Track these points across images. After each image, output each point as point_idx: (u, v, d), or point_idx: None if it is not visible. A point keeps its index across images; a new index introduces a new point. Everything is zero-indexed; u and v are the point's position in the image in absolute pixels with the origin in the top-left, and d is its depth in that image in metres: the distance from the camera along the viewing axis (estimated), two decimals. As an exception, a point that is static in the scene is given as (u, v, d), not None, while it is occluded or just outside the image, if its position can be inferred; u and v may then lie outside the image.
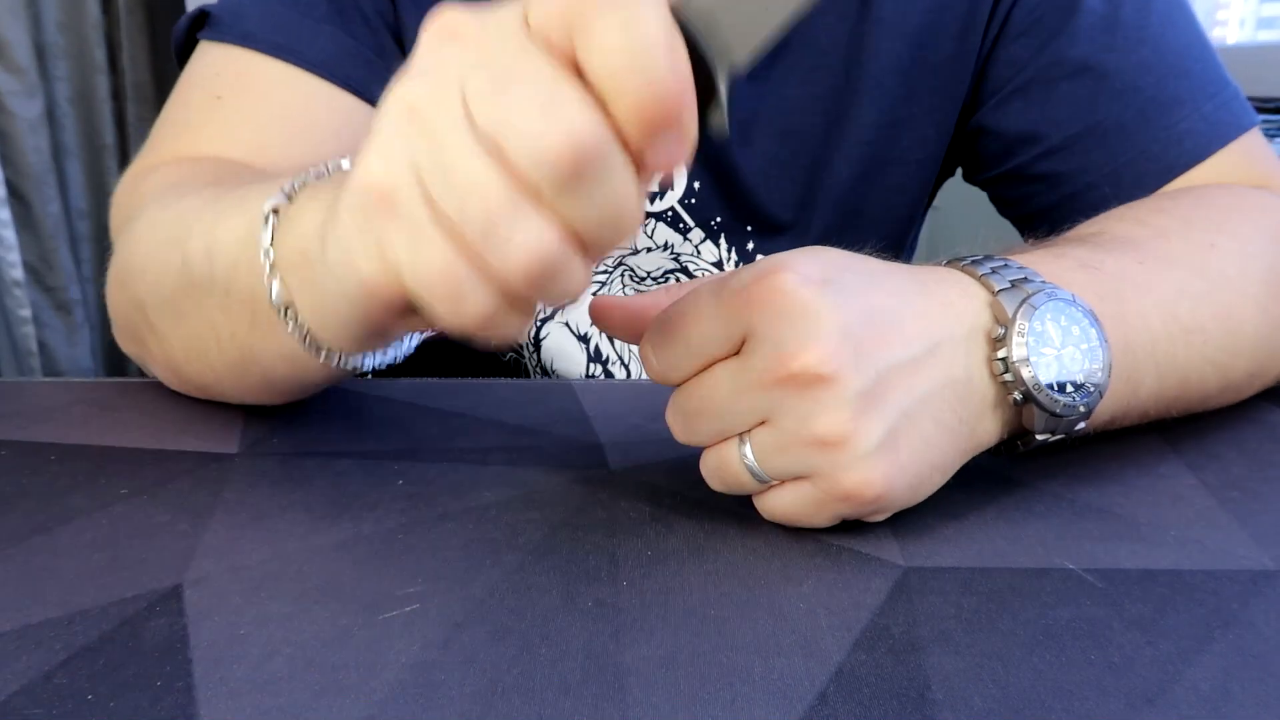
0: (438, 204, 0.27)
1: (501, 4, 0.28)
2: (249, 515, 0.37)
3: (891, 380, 0.33)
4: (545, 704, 0.26)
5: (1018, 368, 0.34)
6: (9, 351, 1.74)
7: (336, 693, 0.27)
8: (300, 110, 0.55)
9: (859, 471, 0.32)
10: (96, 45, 1.75)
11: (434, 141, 0.27)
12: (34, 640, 0.30)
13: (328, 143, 0.54)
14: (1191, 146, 0.54)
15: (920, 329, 0.34)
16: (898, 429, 0.33)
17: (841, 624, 0.30)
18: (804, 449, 0.33)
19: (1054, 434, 0.36)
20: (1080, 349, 0.35)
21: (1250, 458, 0.42)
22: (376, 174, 0.28)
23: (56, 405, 0.49)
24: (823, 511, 0.34)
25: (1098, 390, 0.36)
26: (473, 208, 0.27)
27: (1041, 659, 0.28)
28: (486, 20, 0.27)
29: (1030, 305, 0.35)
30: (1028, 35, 0.57)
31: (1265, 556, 0.34)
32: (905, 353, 0.33)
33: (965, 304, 0.36)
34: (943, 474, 0.35)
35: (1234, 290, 0.43)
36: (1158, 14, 0.55)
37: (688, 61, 0.26)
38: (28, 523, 0.37)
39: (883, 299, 0.34)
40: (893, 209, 0.64)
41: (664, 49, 0.25)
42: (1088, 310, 0.36)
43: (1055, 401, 0.35)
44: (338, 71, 0.55)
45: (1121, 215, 0.47)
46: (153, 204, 0.45)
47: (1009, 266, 0.37)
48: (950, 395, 0.34)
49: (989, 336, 0.35)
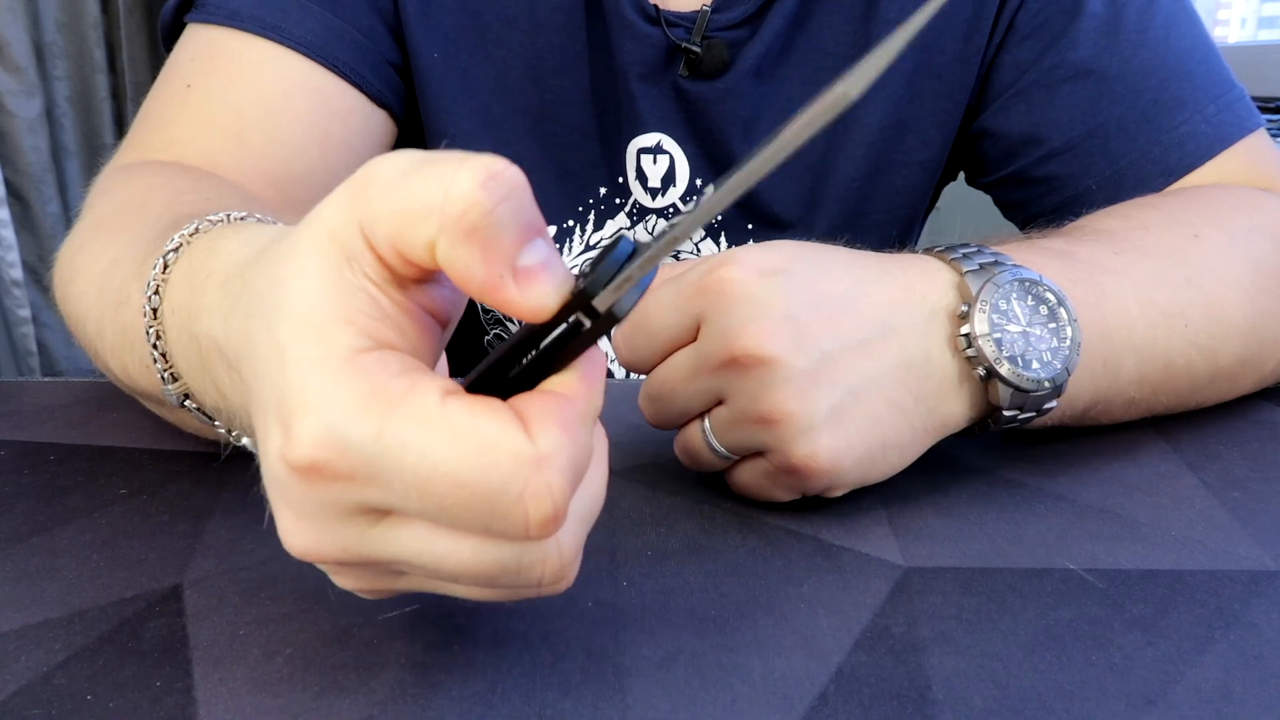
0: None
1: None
2: (249, 515, 0.37)
3: (838, 361, 0.34)
4: (545, 704, 0.26)
5: (980, 343, 0.35)
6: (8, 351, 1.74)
7: (336, 693, 0.27)
8: (275, 89, 0.54)
9: (803, 446, 0.34)
10: (96, 45, 1.75)
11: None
12: (34, 640, 0.30)
13: (301, 122, 0.54)
14: (1194, 148, 0.54)
15: (874, 313, 0.36)
16: (844, 407, 0.34)
17: (841, 624, 0.30)
18: (753, 426, 0.34)
19: (1023, 410, 0.37)
20: (1048, 326, 0.36)
21: (1251, 458, 0.42)
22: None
23: (56, 405, 0.49)
24: (777, 484, 0.36)
25: (1065, 367, 0.36)
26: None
27: (1042, 659, 0.28)
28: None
29: (994, 284, 0.36)
30: (1031, 39, 0.57)
31: (1266, 557, 0.34)
32: (855, 335, 0.35)
33: (928, 286, 0.37)
34: (900, 452, 0.36)
35: (1217, 278, 0.43)
36: (1161, 17, 0.55)
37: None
38: (27, 523, 0.37)
39: (835, 286, 0.36)
40: (895, 210, 0.64)
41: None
42: (1056, 289, 0.37)
43: (1020, 376, 0.36)
44: (323, 51, 0.55)
45: (1108, 212, 0.48)
46: (88, 246, 0.43)
47: (981, 252, 0.38)
48: (905, 376, 0.36)
49: (953, 314, 0.36)
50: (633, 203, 0.64)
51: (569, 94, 0.62)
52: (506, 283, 0.22)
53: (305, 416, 0.22)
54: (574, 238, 0.65)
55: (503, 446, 0.22)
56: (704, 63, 0.59)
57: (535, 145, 0.63)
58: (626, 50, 0.59)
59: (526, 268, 0.22)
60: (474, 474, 0.22)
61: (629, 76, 0.60)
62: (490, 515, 0.22)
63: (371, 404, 0.22)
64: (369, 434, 0.22)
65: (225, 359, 0.27)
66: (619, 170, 0.63)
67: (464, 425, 0.22)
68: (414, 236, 0.22)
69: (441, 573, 0.24)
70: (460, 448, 0.22)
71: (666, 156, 0.62)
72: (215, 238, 0.32)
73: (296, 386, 0.22)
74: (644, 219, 0.64)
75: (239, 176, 0.51)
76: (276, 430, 0.23)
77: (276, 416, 0.23)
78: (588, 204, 0.64)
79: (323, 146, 0.55)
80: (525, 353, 0.24)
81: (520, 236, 0.22)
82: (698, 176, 0.63)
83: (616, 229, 0.65)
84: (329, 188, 0.24)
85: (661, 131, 0.62)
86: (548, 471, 0.22)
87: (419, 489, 0.22)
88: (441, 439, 0.22)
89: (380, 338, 0.23)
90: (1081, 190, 0.56)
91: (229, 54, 0.54)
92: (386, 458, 0.22)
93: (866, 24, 0.59)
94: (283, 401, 0.22)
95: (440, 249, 0.22)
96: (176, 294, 0.32)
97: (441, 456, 0.22)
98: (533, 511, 0.22)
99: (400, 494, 0.22)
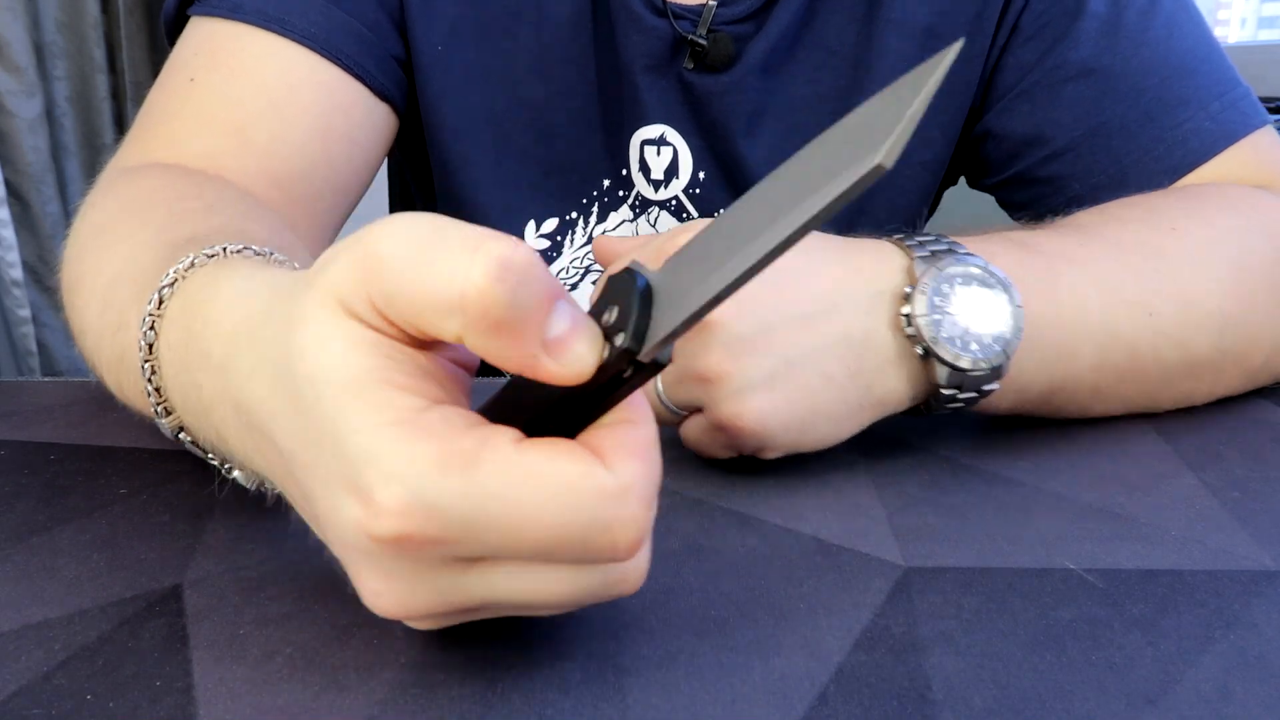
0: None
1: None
2: (249, 515, 0.37)
3: (778, 332, 0.37)
4: (545, 704, 0.26)
5: (919, 322, 0.37)
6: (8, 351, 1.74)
7: (336, 693, 0.27)
8: (278, 83, 0.54)
9: (733, 405, 0.37)
10: (95, 45, 1.75)
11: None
12: (34, 640, 0.30)
13: (305, 116, 0.54)
14: (1198, 145, 0.54)
15: (820, 291, 0.38)
16: (777, 374, 0.37)
17: (841, 624, 0.30)
18: (692, 383, 0.37)
19: (962, 390, 0.38)
20: (991, 311, 0.38)
21: (1251, 458, 0.42)
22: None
23: (56, 405, 0.49)
24: (714, 441, 0.39)
25: (1004, 350, 0.38)
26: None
27: (1042, 659, 0.28)
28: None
29: (939, 268, 0.38)
30: (1035, 39, 0.57)
31: (1266, 556, 0.34)
32: (797, 310, 0.37)
33: (877, 269, 0.39)
34: (834, 424, 0.38)
35: (1190, 270, 0.44)
36: (1162, 16, 0.55)
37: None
38: (27, 523, 0.37)
39: (787, 262, 0.38)
40: (896, 211, 0.64)
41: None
42: (1002, 276, 0.38)
43: (957, 356, 0.37)
44: (326, 44, 0.55)
45: (1093, 209, 0.48)
46: (92, 250, 0.43)
47: (937, 241, 0.40)
48: (844, 351, 0.38)
49: (897, 296, 0.38)
50: (635, 195, 0.64)
51: (574, 86, 0.62)
52: (541, 359, 0.23)
53: (386, 486, 0.22)
54: (576, 230, 0.65)
55: (586, 485, 0.22)
56: (709, 56, 0.59)
57: (539, 137, 0.63)
58: (632, 42, 0.60)
59: (556, 339, 0.23)
60: (564, 515, 0.22)
61: (634, 68, 0.60)
62: (583, 548, 0.23)
63: (450, 463, 0.22)
64: (455, 494, 0.22)
65: (244, 419, 0.26)
66: (622, 162, 0.63)
67: (546, 471, 0.22)
68: (438, 329, 0.22)
69: (534, 605, 0.25)
70: (547, 493, 0.22)
71: (670, 148, 0.62)
72: (211, 278, 0.32)
73: (366, 456, 0.22)
74: (646, 211, 0.64)
75: (241, 176, 0.51)
76: (352, 502, 0.23)
77: (348, 489, 0.23)
78: (591, 196, 0.64)
79: (325, 141, 0.55)
80: (572, 403, 0.24)
81: (543, 313, 0.23)
82: (700, 170, 0.63)
83: (619, 221, 0.65)
84: (330, 183, 0.24)
85: (665, 123, 0.62)
86: (631, 501, 0.23)
87: (513, 538, 0.23)
88: (527, 487, 0.22)
89: (430, 395, 0.23)
90: (1086, 189, 0.56)
91: (232, 47, 0.54)
92: (477, 514, 0.22)
93: (868, 25, 0.59)
94: (354, 473, 0.22)
95: (469, 342, 0.22)
96: (173, 332, 0.32)
97: (531, 504, 0.22)
98: (621, 539, 0.23)
99: (494, 544, 0.23)
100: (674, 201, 0.63)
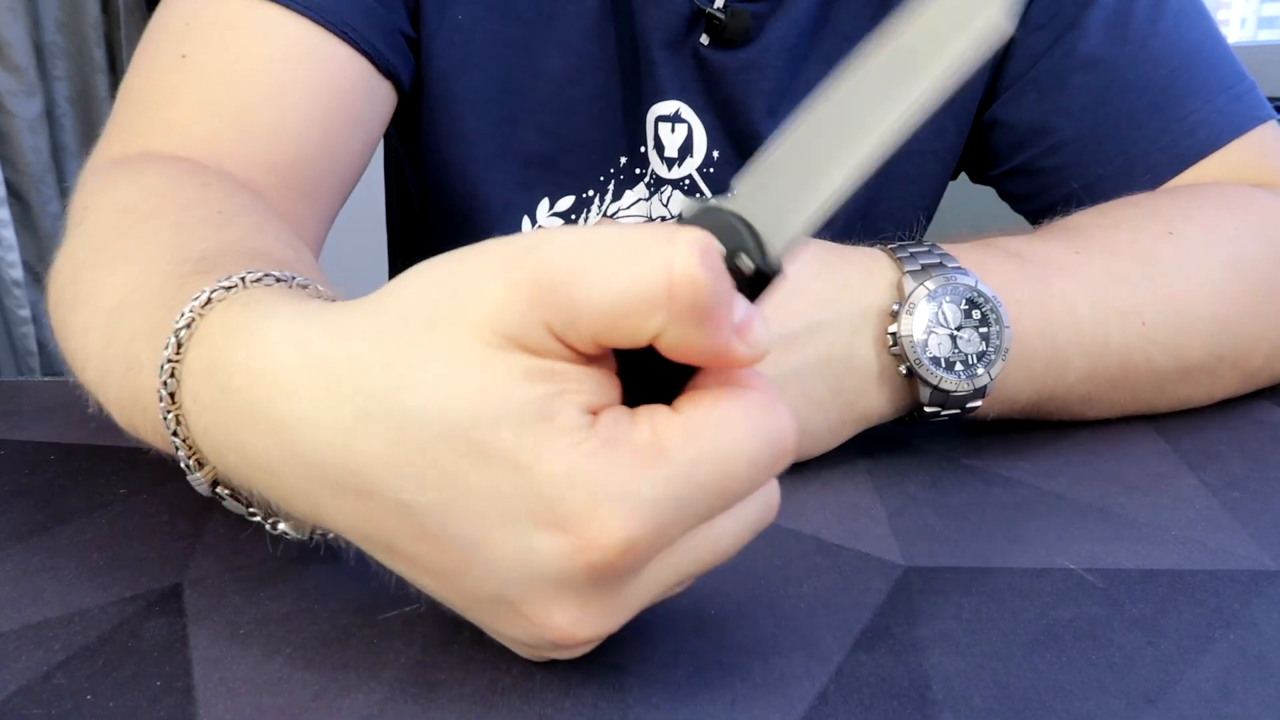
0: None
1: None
2: (249, 515, 0.37)
3: None
4: (545, 704, 0.26)
5: (904, 342, 0.37)
6: (8, 351, 1.74)
7: (336, 693, 0.27)
8: (279, 59, 0.50)
9: None
10: (96, 45, 1.75)
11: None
12: (34, 640, 0.30)
13: (308, 97, 0.50)
14: (1204, 137, 0.54)
15: (805, 309, 0.38)
16: None
17: (841, 624, 0.30)
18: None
19: (945, 408, 0.39)
20: (978, 331, 0.38)
21: (1251, 457, 0.42)
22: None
23: (56, 405, 0.49)
24: None
25: (987, 372, 0.38)
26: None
27: (1042, 659, 0.28)
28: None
29: (926, 287, 0.38)
30: (1044, 29, 0.57)
31: (1266, 556, 0.34)
32: (782, 329, 0.37)
33: (865, 285, 0.39)
34: (814, 439, 0.39)
35: (1183, 275, 0.44)
36: (1171, 9, 0.56)
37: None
38: (27, 522, 0.37)
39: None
40: (907, 200, 0.64)
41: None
42: (990, 294, 0.38)
43: (939, 377, 0.38)
44: (332, 16, 0.50)
45: (1090, 210, 0.48)
46: (91, 268, 0.40)
47: (930, 252, 0.39)
48: (825, 371, 0.38)
49: (885, 313, 0.38)
50: (650, 173, 0.63)
51: (595, 60, 0.61)
52: (732, 344, 0.23)
53: (598, 507, 0.22)
54: (592, 209, 0.64)
55: (747, 413, 0.23)
56: (726, 30, 0.58)
57: (558, 111, 0.61)
58: (650, 15, 0.59)
59: (743, 323, 0.23)
60: (752, 446, 0.23)
61: (651, 43, 0.59)
62: (771, 468, 0.24)
63: (643, 460, 0.22)
64: (662, 485, 0.22)
65: (333, 478, 0.24)
66: (639, 140, 0.63)
67: (712, 420, 0.23)
68: (636, 332, 0.22)
69: (719, 559, 0.25)
70: (727, 438, 0.23)
71: (685, 125, 0.62)
72: (240, 324, 0.28)
73: (564, 484, 0.22)
74: (659, 190, 0.64)
75: (242, 166, 0.48)
76: (550, 536, 0.22)
77: (543, 523, 0.22)
78: (608, 173, 0.64)
79: (326, 124, 0.51)
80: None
81: (732, 296, 0.23)
82: (715, 148, 0.62)
83: (635, 199, 0.64)
84: (330, 169, 0.23)
85: (680, 100, 0.61)
86: (780, 406, 0.24)
87: (725, 492, 0.23)
88: (711, 443, 0.23)
89: (597, 404, 0.23)
90: (1091, 180, 0.56)
91: (229, 19, 0.50)
92: (685, 492, 0.23)
93: (883, 11, 0.59)
94: (551, 504, 0.22)
95: (669, 336, 0.22)
96: (201, 388, 0.29)
97: (723, 457, 0.23)
98: (790, 441, 0.24)
99: (704, 511, 0.24)
100: (687, 180, 0.63)
